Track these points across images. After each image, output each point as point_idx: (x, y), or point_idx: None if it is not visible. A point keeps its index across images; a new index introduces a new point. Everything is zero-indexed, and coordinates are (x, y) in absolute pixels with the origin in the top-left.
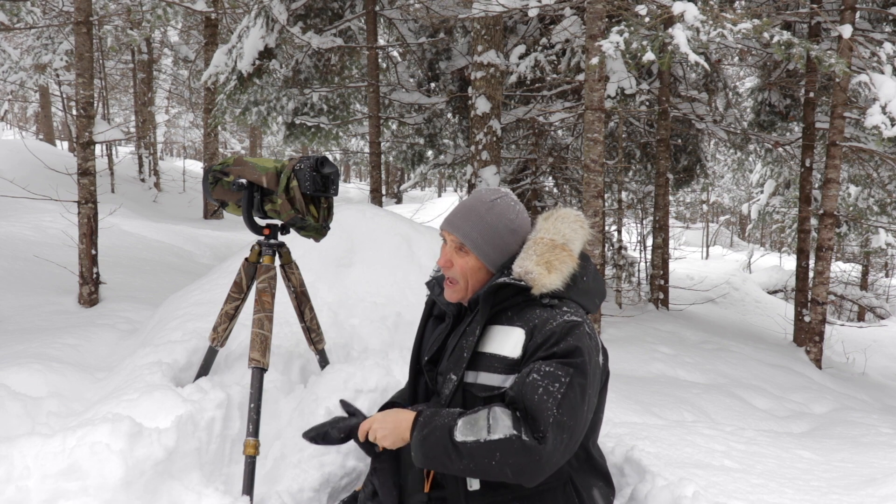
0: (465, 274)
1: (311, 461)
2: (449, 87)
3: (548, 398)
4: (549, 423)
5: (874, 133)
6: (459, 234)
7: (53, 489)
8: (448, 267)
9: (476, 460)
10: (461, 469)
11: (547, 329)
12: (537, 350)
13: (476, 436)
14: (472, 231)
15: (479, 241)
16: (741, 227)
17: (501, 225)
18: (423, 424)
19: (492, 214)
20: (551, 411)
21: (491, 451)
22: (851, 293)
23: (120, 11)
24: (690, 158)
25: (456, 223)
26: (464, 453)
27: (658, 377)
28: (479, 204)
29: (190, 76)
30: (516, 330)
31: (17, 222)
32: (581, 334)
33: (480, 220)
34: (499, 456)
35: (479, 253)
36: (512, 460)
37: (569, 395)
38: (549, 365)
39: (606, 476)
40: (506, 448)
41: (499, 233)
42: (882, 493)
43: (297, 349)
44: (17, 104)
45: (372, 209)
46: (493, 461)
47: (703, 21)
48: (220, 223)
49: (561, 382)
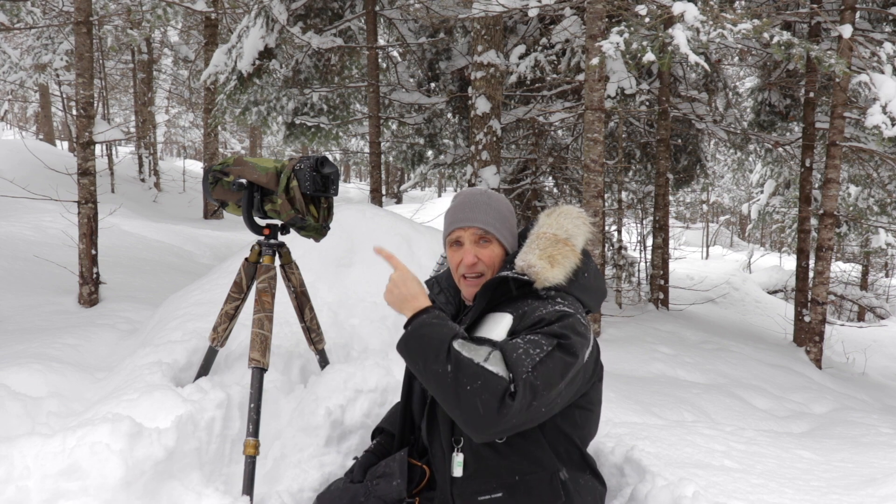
0: (494, 263)
1: (311, 461)
2: (449, 87)
3: (525, 358)
4: (521, 380)
5: (874, 133)
6: (480, 223)
7: (53, 489)
8: (474, 263)
9: (458, 373)
10: (436, 372)
11: (536, 315)
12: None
13: (471, 356)
14: (489, 218)
15: (497, 226)
16: (741, 227)
17: (504, 208)
18: (434, 315)
19: (494, 201)
20: (526, 369)
21: (476, 376)
22: (851, 293)
23: (120, 11)
24: (690, 158)
25: (471, 217)
26: (452, 360)
27: (658, 377)
28: (480, 196)
29: (190, 76)
30: (506, 316)
31: (17, 222)
32: (572, 323)
33: (489, 207)
34: (479, 384)
35: (500, 237)
36: (486, 396)
37: (546, 362)
38: (534, 335)
39: (597, 473)
40: (491, 382)
41: (505, 215)
42: (882, 493)
43: (297, 349)
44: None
45: (372, 209)
46: (471, 385)
47: (703, 21)
48: (220, 223)
49: (542, 349)
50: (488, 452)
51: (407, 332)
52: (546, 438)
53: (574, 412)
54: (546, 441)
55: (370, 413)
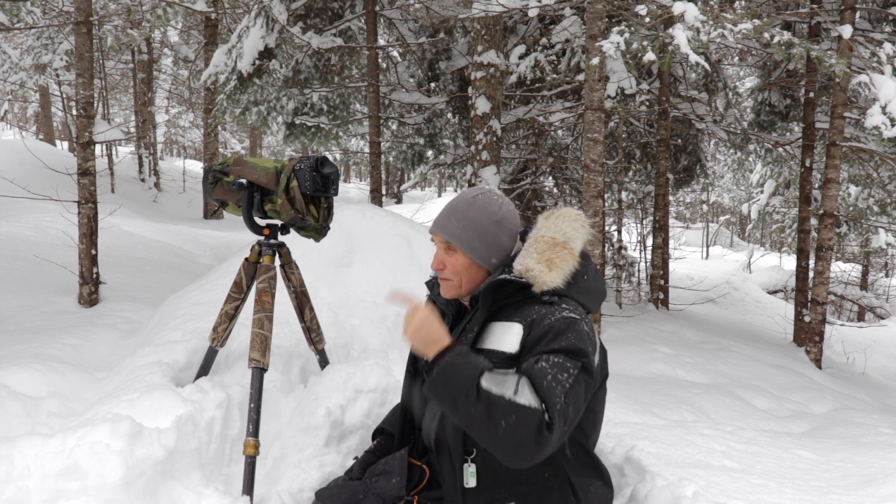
0: (458, 272)
1: (311, 461)
2: (449, 87)
3: (556, 386)
4: (556, 411)
5: (874, 133)
6: (444, 233)
7: (53, 489)
8: (441, 269)
9: (490, 411)
10: (468, 413)
11: (545, 324)
12: (536, 344)
13: (501, 391)
14: (456, 229)
15: (464, 237)
16: (741, 227)
17: (484, 218)
18: (458, 353)
19: (474, 209)
20: (559, 399)
21: (509, 412)
22: (851, 293)
23: (120, 11)
24: (690, 158)
25: (441, 223)
26: (483, 399)
27: (658, 377)
28: (461, 202)
29: (190, 76)
30: (515, 325)
31: (17, 222)
32: (581, 331)
33: (463, 216)
34: (513, 419)
35: (466, 249)
36: (522, 430)
37: (575, 388)
38: (557, 356)
39: (605, 477)
40: (524, 416)
41: (483, 226)
42: (882, 493)
43: (297, 349)
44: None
45: (372, 209)
46: (505, 421)
47: (704, 21)
48: (220, 223)
49: (569, 373)
50: (500, 462)
51: (433, 375)
52: None
53: (583, 416)
54: (557, 449)
55: (370, 413)
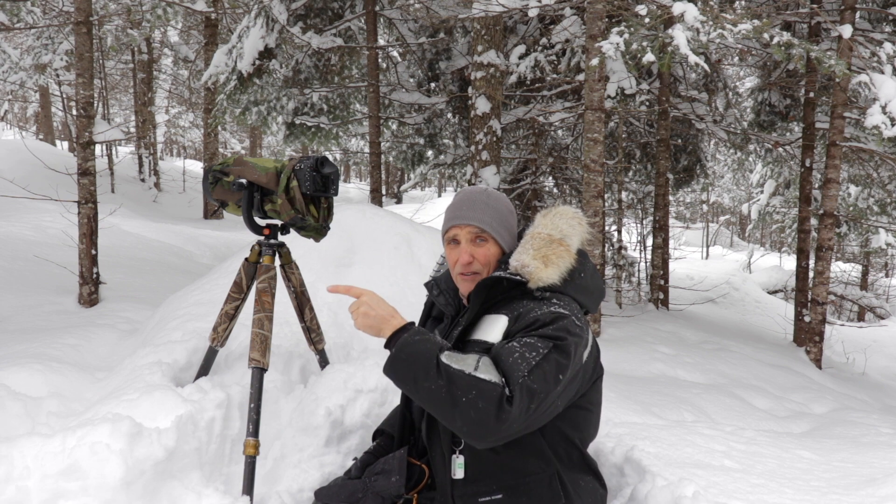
0: (489, 262)
1: (311, 461)
2: (449, 87)
3: (522, 362)
4: (518, 384)
5: (874, 133)
6: (476, 221)
7: (53, 489)
8: (469, 262)
9: (451, 386)
10: (428, 389)
11: (531, 316)
12: (517, 333)
13: (461, 367)
14: (486, 216)
15: (494, 225)
16: (741, 227)
17: (503, 207)
18: (415, 332)
19: (493, 199)
20: (522, 373)
21: (469, 386)
22: (851, 293)
23: (120, 11)
24: (690, 158)
25: (468, 215)
26: (443, 374)
27: (658, 377)
28: (477, 194)
29: (190, 76)
30: (502, 318)
31: (17, 222)
32: (567, 324)
33: (487, 206)
34: (474, 394)
35: (496, 236)
36: (482, 405)
37: (542, 365)
38: (530, 337)
39: (598, 475)
40: (485, 390)
41: (504, 215)
42: (882, 493)
43: (297, 349)
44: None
45: (372, 209)
46: (466, 396)
47: (703, 22)
48: (220, 223)
49: (538, 352)
50: (488, 454)
51: (392, 354)
52: (546, 440)
53: (574, 413)
54: (546, 442)
55: (370, 413)
